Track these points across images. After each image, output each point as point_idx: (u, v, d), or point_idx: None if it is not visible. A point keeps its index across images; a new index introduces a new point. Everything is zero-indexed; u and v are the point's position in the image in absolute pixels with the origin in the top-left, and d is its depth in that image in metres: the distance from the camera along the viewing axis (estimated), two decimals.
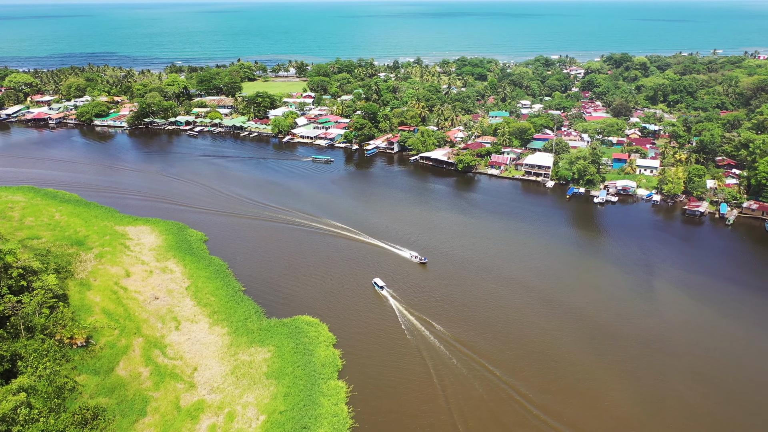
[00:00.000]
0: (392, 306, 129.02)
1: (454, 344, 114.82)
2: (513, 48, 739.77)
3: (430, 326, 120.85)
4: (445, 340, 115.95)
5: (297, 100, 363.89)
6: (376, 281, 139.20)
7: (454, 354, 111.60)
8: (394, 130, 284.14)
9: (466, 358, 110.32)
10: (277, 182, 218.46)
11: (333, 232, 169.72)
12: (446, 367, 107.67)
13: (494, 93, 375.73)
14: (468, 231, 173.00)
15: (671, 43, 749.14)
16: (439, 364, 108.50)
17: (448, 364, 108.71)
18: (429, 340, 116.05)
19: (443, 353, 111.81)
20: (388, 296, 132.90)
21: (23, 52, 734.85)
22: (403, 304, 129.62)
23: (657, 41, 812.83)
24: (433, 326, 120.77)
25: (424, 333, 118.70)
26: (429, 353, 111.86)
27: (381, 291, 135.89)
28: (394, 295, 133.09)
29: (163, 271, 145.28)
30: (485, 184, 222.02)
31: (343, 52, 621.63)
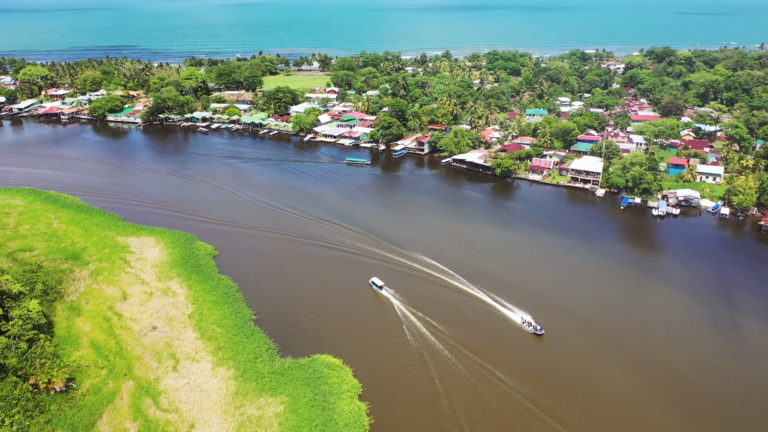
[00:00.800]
0: (428, 342, 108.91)
1: (525, 403, 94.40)
2: (545, 42, 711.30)
3: (472, 364, 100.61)
4: (508, 394, 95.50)
5: (320, 95, 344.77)
6: (374, 280, 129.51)
7: (524, 412, 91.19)
8: (424, 129, 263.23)
9: (537, 421, 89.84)
10: (296, 187, 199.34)
11: (358, 248, 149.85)
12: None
13: (530, 89, 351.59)
14: (509, 248, 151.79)
15: (713, 37, 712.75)
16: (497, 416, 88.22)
17: (508, 413, 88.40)
18: (467, 384, 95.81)
19: (504, 405, 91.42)
20: (419, 328, 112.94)
21: (43, 45, 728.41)
22: (439, 338, 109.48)
23: (697, 35, 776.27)
24: (489, 371, 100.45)
25: (470, 382, 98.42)
26: (464, 405, 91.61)
27: (380, 291, 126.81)
28: (426, 323, 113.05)
29: (164, 293, 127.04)
30: (526, 191, 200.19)
31: (369, 45, 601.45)
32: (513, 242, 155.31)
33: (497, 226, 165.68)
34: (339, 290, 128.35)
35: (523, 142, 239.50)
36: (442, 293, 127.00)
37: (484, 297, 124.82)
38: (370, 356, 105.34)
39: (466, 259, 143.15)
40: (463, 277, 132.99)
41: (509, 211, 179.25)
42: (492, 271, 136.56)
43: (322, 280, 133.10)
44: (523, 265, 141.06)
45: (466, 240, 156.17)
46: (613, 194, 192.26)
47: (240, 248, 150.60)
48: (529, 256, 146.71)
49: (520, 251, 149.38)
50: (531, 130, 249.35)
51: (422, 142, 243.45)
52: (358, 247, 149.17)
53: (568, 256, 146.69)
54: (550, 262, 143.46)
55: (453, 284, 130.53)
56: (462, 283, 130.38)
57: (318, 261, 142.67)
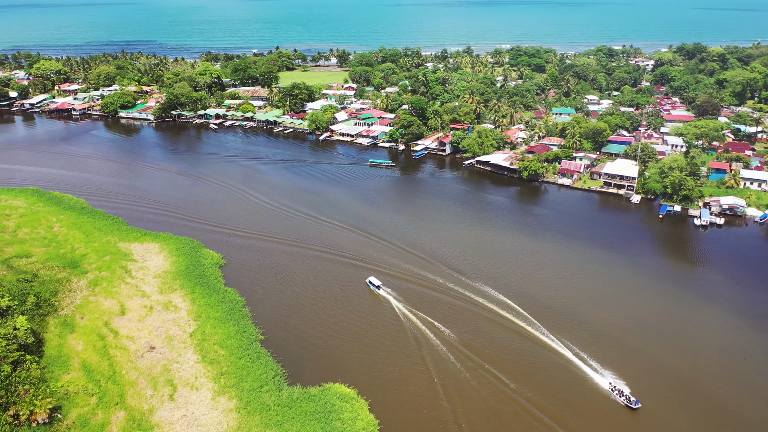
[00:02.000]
0: (452, 371, 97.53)
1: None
2: (569, 38, 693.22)
3: (507, 394, 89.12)
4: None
5: (337, 92, 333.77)
6: (371, 280, 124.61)
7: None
8: (446, 129, 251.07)
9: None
10: (311, 189, 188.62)
11: (376, 259, 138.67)
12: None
13: (555, 86, 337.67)
14: (540, 261, 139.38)
15: (745, 33, 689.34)
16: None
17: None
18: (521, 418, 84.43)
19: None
20: (445, 355, 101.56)
21: (60, 40, 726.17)
22: (470, 369, 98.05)
23: (727, 31, 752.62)
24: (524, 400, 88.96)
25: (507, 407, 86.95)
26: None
27: (378, 291, 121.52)
28: (454, 350, 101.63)
29: (165, 307, 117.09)
30: (555, 196, 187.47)
31: (388, 40, 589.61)
32: (544, 254, 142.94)
33: (526, 236, 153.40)
34: (356, 309, 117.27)
35: (551, 143, 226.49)
36: (470, 314, 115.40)
37: (516, 318, 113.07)
38: (389, 388, 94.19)
39: (496, 273, 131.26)
40: (491, 288, 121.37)
41: (538, 219, 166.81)
42: (523, 287, 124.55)
43: (337, 296, 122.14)
44: (557, 281, 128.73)
45: (494, 251, 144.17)
46: (650, 201, 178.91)
47: (249, 257, 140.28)
48: (563, 270, 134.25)
49: (553, 265, 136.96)
50: (558, 130, 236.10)
51: (444, 142, 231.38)
52: (376, 259, 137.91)
53: (605, 271, 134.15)
54: (585, 277, 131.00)
55: (479, 301, 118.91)
56: (488, 298, 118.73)
57: (333, 275, 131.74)
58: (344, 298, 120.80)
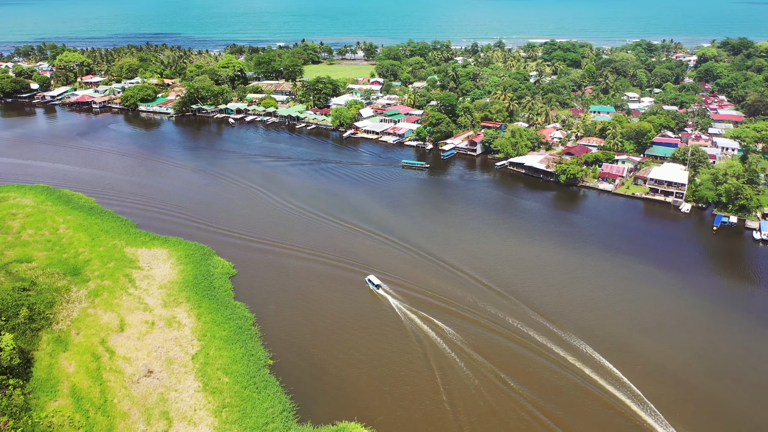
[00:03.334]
0: (503, 401, 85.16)
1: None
2: (605, 32, 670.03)
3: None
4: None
5: (363, 86, 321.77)
6: (370, 279, 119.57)
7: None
8: (476, 127, 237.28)
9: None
10: (332, 191, 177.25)
11: (402, 274, 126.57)
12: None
13: (592, 82, 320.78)
14: (579, 277, 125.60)
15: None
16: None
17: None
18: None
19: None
20: (489, 387, 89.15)
21: (86, 32, 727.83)
22: (516, 405, 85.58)
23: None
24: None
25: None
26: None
27: (377, 290, 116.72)
28: (500, 384, 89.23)
29: (168, 323, 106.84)
30: (594, 202, 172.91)
31: (417, 34, 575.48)
32: (585, 270, 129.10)
33: (564, 248, 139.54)
34: (378, 333, 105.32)
35: (590, 144, 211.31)
36: (504, 339, 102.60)
37: (555, 345, 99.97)
38: (413, 428, 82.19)
39: (532, 291, 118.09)
40: (528, 308, 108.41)
41: (577, 229, 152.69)
42: (563, 309, 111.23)
43: (357, 317, 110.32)
44: (601, 302, 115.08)
45: (529, 265, 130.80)
46: (701, 210, 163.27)
47: (263, 267, 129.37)
48: (607, 290, 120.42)
49: (595, 283, 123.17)
50: (598, 130, 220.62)
51: (474, 141, 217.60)
52: (402, 273, 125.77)
53: (654, 291, 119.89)
54: (632, 298, 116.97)
55: (513, 324, 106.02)
56: (525, 320, 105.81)
57: (353, 292, 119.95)
58: (365, 319, 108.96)
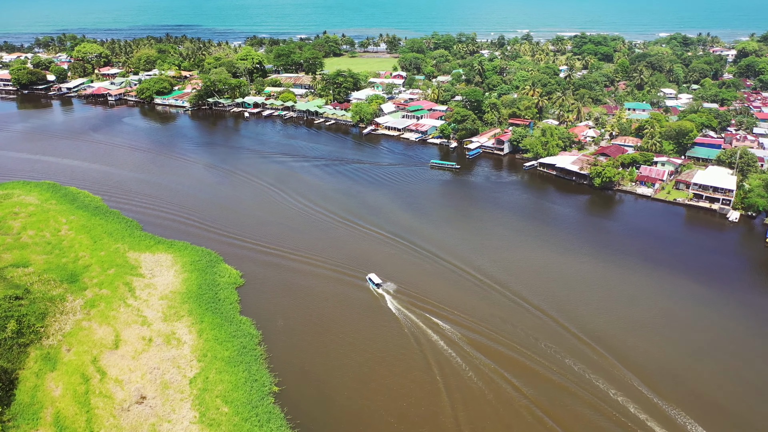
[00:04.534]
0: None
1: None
2: (637, 25, 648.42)
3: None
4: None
5: (385, 80, 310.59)
6: (370, 277, 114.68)
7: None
8: (503, 124, 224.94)
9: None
10: (350, 193, 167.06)
11: (424, 293, 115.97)
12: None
13: (626, 78, 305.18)
14: (619, 293, 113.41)
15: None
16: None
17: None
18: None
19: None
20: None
21: (106, 23, 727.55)
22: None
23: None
24: None
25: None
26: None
27: (377, 290, 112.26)
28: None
29: (166, 340, 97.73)
30: (632, 208, 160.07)
31: (441, 26, 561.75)
32: (623, 284, 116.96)
33: (602, 260, 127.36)
34: (396, 359, 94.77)
35: (626, 144, 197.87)
36: (535, 363, 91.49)
37: (593, 371, 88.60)
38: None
39: (564, 305, 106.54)
40: (564, 321, 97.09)
41: (614, 238, 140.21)
42: (602, 329, 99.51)
43: (373, 338, 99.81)
44: (642, 322, 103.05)
45: (562, 278, 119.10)
46: (751, 219, 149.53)
47: (272, 277, 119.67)
48: (649, 309, 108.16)
49: (635, 300, 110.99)
50: (634, 129, 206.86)
51: (501, 140, 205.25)
52: (424, 288, 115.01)
53: (702, 311, 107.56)
54: (677, 320, 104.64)
55: (546, 350, 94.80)
56: (559, 341, 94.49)
57: (370, 307, 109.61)
58: (382, 342, 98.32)
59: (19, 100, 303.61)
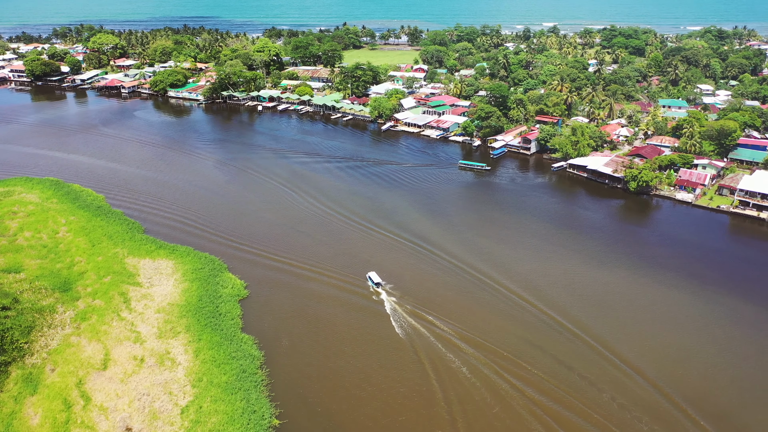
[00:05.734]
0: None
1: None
2: (668, 17, 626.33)
3: None
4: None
5: (405, 74, 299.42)
6: (370, 276, 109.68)
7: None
8: (530, 122, 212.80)
9: None
10: (365, 194, 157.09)
11: (448, 315, 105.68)
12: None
13: (659, 73, 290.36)
14: (662, 317, 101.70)
15: None
16: None
17: None
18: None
19: None
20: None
21: (125, 14, 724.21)
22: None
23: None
24: None
25: None
26: None
27: (377, 288, 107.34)
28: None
29: (160, 361, 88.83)
30: (670, 216, 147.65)
31: (465, 18, 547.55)
32: (669, 306, 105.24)
33: (642, 275, 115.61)
34: (413, 390, 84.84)
35: (662, 144, 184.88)
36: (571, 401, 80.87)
37: (637, 408, 77.62)
38: None
39: (599, 328, 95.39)
40: (596, 344, 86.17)
41: (653, 249, 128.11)
42: (646, 359, 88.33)
43: (389, 366, 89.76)
44: (696, 355, 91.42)
45: (594, 294, 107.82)
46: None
47: (279, 289, 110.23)
48: (696, 333, 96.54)
49: (685, 325, 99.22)
50: (671, 128, 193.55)
51: (528, 138, 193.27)
52: (444, 311, 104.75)
53: (756, 338, 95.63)
54: (734, 353, 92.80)
55: (581, 384, 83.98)
56: (590, 367, 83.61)
57: (387, 330, 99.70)
58: (398, 372, 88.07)
59: (33, 91, 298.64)
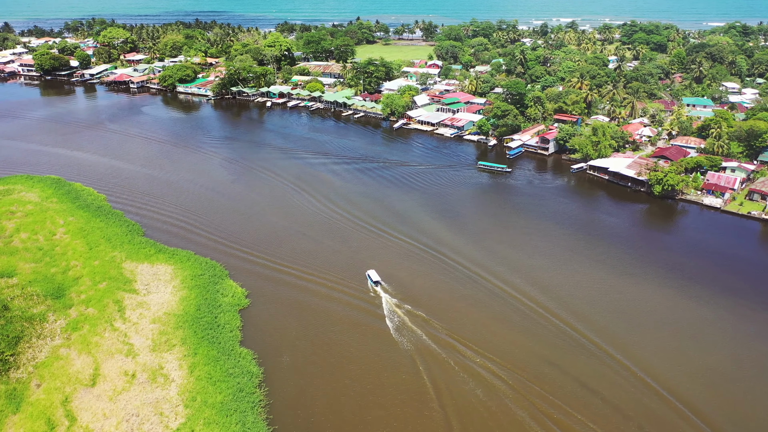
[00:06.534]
0: None
1: None
2: (690, 13, 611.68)
3: None
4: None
5: (419, 69, 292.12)
6: (369, 274, 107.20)
7: None
8: (548, 120, 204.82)
9: None
10: (376, 197, 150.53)
11: (467, 336, 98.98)
12: None
13: (682, 69, 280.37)
14: (697, 335, 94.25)
15: None
16: None
17: None
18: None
19: None
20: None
21: (138, 9, 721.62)
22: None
23: None
24: None
25: None
26: None
27: (376, 287, 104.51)
28: None
29: (152, 377, 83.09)
30: (698, 222, 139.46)
31: (481, 12, 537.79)
32: (701, 323, 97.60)
33: (668, 287, 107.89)
34: (424, 423, 78.43)
35: (687, 146, 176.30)
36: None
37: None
38: None
39: (633, 349, 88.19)
40: (630, 364, 79.11)
41: (681, 258, 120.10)
42: (680, 382, 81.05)
43: (401, 391, 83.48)
44: (736, 381, 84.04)
45: (623, 310, 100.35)
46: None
47: (282, 299, 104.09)
48: (741, 359, 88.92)
49: (721, 345, 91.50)
50: (696, 128, 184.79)
51: (546, 138, 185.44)
52: (460, 328, 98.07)
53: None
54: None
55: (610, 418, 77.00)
56: (616, 391, 76.60)
57: (397, 350, 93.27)
58: (408, 393, 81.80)
59: (41, 86, 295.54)
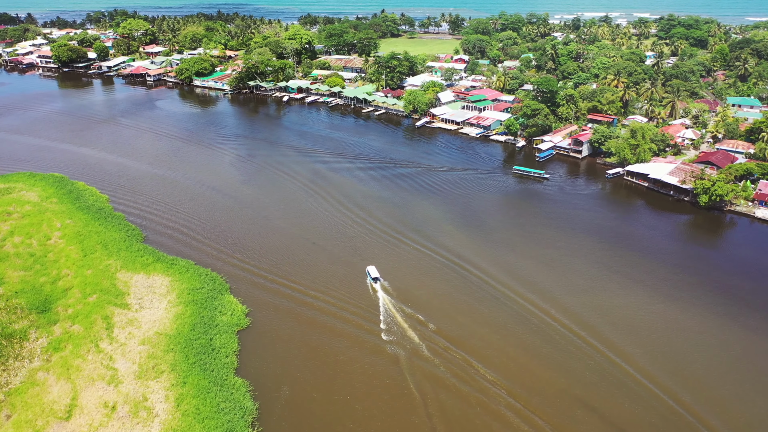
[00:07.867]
0: None
1: None
2: (730, 7, 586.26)
3: None
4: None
5: (445, 64, 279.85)
6: (369, 270, 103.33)
7: None
8: (581, 120, 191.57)
9: None
10: (394, 201, 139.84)
11: (486, 359, 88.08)
12: None
13: (725, 66, 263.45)
14: (757, 376, 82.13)
15: None
16: None
17: None
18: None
19: None
20: None
21: (159, 0, 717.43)
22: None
23: None
24: None
25: None
26: None
27: (374, 284, 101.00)
28: None
29: (134, 411, 73.95)
30: (748, 237, 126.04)
31: (510, 6, 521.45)
32: (760, 361, 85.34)
33: (721, 315, 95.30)
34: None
35: (735, 150, 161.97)
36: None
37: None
38: None
39: (686, 393, 76.41)
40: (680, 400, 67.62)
41: (733, 279, 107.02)
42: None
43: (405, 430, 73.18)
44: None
45: (672, 341, 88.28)
46: None
47: (285, 320, 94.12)
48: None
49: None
50: (744, 131, 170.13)
51: (579, 140, 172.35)
52: (484, 358, 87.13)
53: None
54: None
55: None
56: None
57: (405, 393, 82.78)
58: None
59: (59, 78, 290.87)
